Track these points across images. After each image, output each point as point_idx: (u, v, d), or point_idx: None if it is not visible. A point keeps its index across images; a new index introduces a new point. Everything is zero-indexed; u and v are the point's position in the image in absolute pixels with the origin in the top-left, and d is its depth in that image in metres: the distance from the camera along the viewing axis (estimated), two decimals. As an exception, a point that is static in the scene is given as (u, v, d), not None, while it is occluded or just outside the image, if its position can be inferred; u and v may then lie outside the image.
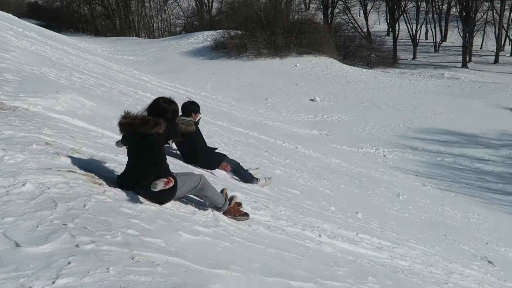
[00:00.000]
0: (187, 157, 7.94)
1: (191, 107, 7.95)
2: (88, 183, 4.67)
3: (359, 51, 50.45)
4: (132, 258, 3.41)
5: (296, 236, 6.02)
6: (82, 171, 4.96)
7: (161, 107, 5.15)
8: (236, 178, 8.17)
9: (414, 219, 11.98)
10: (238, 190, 6.96)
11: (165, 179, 4.76)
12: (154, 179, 4.76)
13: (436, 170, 20.11)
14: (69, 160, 5.12)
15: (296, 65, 35.28)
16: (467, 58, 51.36)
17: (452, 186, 18.57)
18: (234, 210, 5.71)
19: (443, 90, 31.90)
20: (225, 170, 8.02)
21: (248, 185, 8.05)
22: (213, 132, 13.59)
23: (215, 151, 8.34)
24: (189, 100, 8.23)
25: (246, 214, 5.80)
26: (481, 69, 49.20)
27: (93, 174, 5.00)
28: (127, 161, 5.17)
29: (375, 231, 8.66)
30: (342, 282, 4.64)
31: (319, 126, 24.26)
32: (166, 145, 5.44)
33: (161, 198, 4.99)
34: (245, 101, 26.26)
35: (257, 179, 8.23)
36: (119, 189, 4.91)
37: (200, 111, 8.12)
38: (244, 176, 8.17)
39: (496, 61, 52.87)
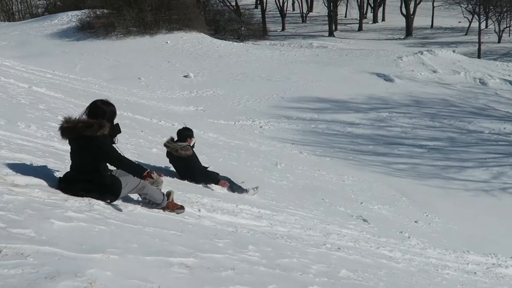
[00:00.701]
0: (185, 177, 8.76)
1: (186, 133, 8.90)
2: None
3: (229, 25, 50.63)
4: (-1, 252, 3.23)
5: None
6: None
7: (100, 109, 5.35)
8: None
9: (292, 186, 12.30)
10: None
11: None
12: (98, 181, 5.25)
13: (311, 137, 20.73)
14: None
15: (167, 42, 34.83)
16: (333, 27, 53.10)
17: (327, 151, 19.24)
18: (172, 205, 6.04)
19: (312, 59, 32.77)
20: (224, 186, 8.83)
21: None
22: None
23: (208, 169, 9.21)
24: (183, 127, 9.12)
25: (182, 207, 6.15)
26: (347, 37, 51.15)
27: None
28: (71, 164, 5.41)
29: (255, 201, 8.80)
30: (223, 254, 4.67)
31: (194, 102, 24.19)
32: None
33: (106, 198, 5.32)
34: (117, 82, 25.63)
35: (247, 190, 9.08)
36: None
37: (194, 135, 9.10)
38: (236, 189, 8.99)
39: (360, 29, 55.15)
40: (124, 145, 9.91)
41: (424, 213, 13.51)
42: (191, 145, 8.91)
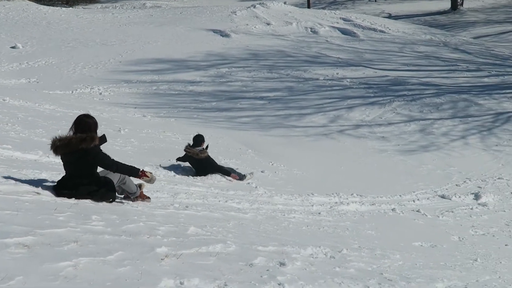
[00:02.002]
0: (201, 173, 10.70)
1: (200, 139, 11.03)
2: None
3: (55, -11, 48.12)
4: None
5: (11, 192, 5.66)
6: None
7: (86, 123, 6.14)
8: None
9: (137, 150, 12.12)
10: None
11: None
12: (96, 183, 6.10)
13: (153, 99, 20.47)
14: None
15: (-12, 12, 32.47)
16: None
17: (171, 112, 19.12)
18: (142, 195, 6.88)
19: (147, 19, 32.14)
20: (235, 178, 10.84)
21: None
22: None
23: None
24: (197, 134, 11.31)
25: (149, 198, 6.98)
26: (181, -5, 50.68)
27: None
28: (67, 174, 6.15)
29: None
30: (64, 228, 4.50)
31: (26, 74, 22.83)
32: None
33: (109, 198, 6.21)
34: None
35: (245, 175, 11.05)
36: None
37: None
38: (240, 176, 11.04)
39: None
40: None
41: (269, 162, 13.91)
42: (205, 147, 10.87)
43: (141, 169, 6.47)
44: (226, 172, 10.95)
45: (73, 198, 5.89)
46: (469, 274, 6.73)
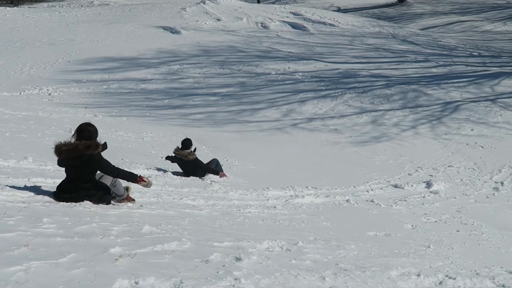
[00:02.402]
0: (190, 174, 11.24)
1: (188, 143, 11.57)
2: None
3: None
4: None
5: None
6: None
7: (88, 131, 6.52)
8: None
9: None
10: None
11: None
12: (94, 187, 6.56)
13: (104, 99, 20.20)
14: None
15: None
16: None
17: (123, 111, 18.90)
18: (128, 197, 7.19)
19: (95, 18, 31.66)
20: (224, 176, 11.41)
21: None
22: None
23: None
24: (184, 138, 11.81)
25: (134, 199, 7.29)
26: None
27: None
28: (69, 178, 6.51)
29: (48, 172, 8.41)
30: (14, 232, 4.40)
31: (-29, 76, 22.24)
32: None
33: (106, 200, 6.67)
34: None
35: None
36: None
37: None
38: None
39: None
40: None
41: (224, 158, 13.87)
42: (193, 150, 11.46)
43: (139, 175, 6.88)
44: (215, 171, 11.43)
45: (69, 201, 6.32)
46: (423, 260, 6.85)
